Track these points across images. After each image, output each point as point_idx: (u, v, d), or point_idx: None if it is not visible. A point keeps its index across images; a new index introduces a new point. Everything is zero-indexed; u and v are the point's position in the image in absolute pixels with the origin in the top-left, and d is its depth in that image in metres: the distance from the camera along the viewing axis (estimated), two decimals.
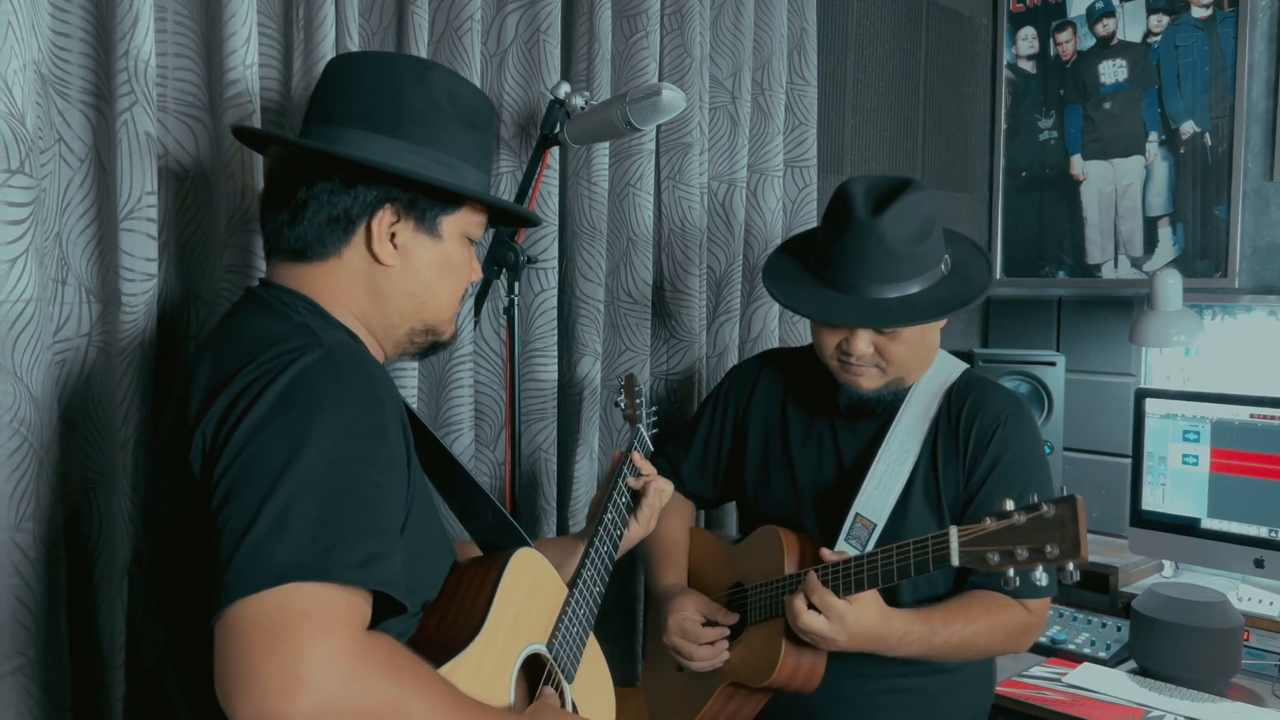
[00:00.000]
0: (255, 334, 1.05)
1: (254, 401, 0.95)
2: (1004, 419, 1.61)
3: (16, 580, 1.22)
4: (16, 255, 1.21)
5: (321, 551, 0.89)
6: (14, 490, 1.22)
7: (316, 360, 0.99)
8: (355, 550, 0.91)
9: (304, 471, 0.92)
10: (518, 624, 1.17)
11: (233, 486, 0.92)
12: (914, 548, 1.41)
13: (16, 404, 1.22)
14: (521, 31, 1.89)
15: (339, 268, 1.14)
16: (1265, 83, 2.61)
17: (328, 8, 1.53)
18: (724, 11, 2.24)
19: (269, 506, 0.89)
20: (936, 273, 1.57)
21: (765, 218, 2.34)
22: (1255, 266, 2.65)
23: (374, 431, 0.99)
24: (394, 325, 1.18)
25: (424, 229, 1.16)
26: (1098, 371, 2.83)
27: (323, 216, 1.12)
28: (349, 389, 0.99)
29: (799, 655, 1.55)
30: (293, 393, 0.96)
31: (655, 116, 1.70)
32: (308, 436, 0.93)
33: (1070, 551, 1.28)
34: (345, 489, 0.93)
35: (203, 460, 0.97)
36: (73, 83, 1.35)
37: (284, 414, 0.95)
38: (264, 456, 0.92)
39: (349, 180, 1.12)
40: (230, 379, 0.98)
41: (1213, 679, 2.01)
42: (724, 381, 1.87)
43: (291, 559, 0.88)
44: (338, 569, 0.89)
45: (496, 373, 1.91)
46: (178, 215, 1.48)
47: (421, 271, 1.17)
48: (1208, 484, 2.35)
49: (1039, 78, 3.03)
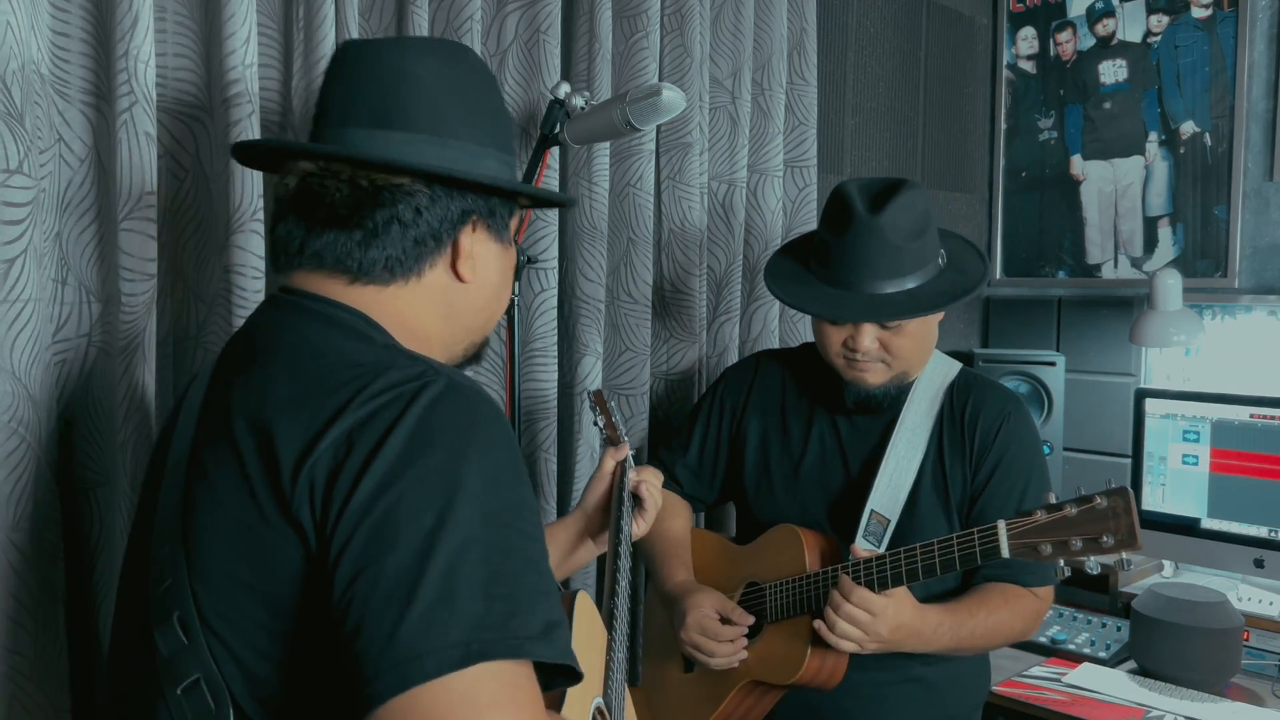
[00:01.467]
0: (342, 356, 0.90)
1: (382, 441, 0.80)
2: (1007, 415, 1.66)
3: (15, 580, 1.22)
4: (16, 255, 1.21)
5: (501, 622, 0.76)
6: (12, 490, 1.22)
7: (445, 391, 0.85)
8: (534, 618, 0.78)
9: (462, 525, 0.78)
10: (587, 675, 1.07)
11: (372, 545, 0.77)
12: (959, 541, 1.45)
13: (15, 404, 1.22)
14: (521, 31, 1.89)
15: (417, 290, 0.99)
16: (1265, 83, 2.61)
17: (328, 8, 1.53)
18: (724, 11, 2.24)
19: (431, 569, 0.75)
20: (935, 266, 1.61)
21: (765, 218, 2.34)
22: (1255, 266, 2.65)
23: (518, 474, 0.85)
24: (458, 342, 1.06)
25: (497, 237, 1.04)
26: (1098, 371, 2.83)
27: (410, 237, 0.97)
28: (487, 426, 0.85)
29: (824, 652, 1.56)
30: (428, 431, 0.82)
31: (655, 116, 1.70)
32: (460, 483, 0.79)
33: (1127, 541, 1.34)
34: (506, 544, 0.80)
35: (312, 513, 0.81)
36: (72, 83, 1.35)
37: (424, 456, 0.80)
38: (411, 508, 0.78)
39: (434, 196, 0.98)
40: (339, 412, 0.83)
41: (1212, 679, 2.01)
42: (718, 383, 1.88)
43: (472, 634, 0.74)
44: (522, 642, 0.76)
45: (496, 373, 1.91)
46: (178, 215, 1.48)
47: (493, 284, 1.05)
48: (1207, 484, 2.35)
49: (1039, 78, 3.03)
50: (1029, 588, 1.62)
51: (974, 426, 1.66)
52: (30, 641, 1.24)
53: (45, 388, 1.27)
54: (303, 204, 0.99)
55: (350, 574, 0.77)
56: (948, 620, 1.53)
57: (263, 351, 0.94)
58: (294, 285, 1.00)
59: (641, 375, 2.13)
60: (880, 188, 1.60)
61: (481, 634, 0.74)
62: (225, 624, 0.85)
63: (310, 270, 0.99)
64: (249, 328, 1.01)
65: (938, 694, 1.67)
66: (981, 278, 1.63)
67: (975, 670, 1.74)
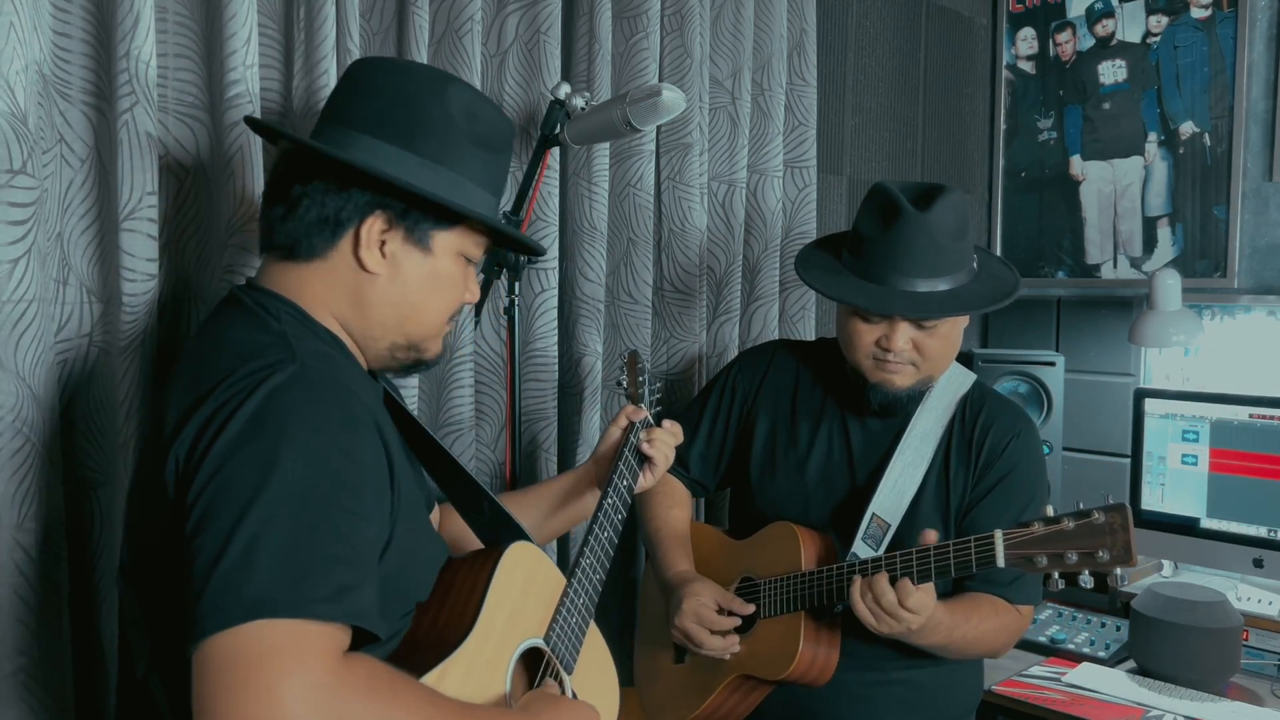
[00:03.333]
0: (231, 346, 1.03)
1: (224, 424, 0.94)
2: (1017, 433, 1.66)
3: (18, 579, 1.23)
4: (18, 255, 1.21)
5: (290, 584, 0.87)
6: (16, 490, 1.22)
7: (288, 379, 0.97)
8: (325, 582, 0.89)
9: (273, 500, 0.90)
10: (513, 619, 1.17)
11: (203, 514, 0.91)
12: (955, 549, 1.44)
13: (19, 404, 1.22)
14: (522, 32, 1.90)
15: (325, 270, 1.12)
16: (1264, 83, 2.62)
17: (328, 8, 1.53)
18: (724, 12, 2.25)
19: (237, 537, 0.88)
20: (970, 270, 1.60)
21: (765, 218, 2.35)
22: (1254, 266, 2.65)
23: (346, 454, 0.96)
24: (375, 336, 1.15)
25: (414, 241, 1.13)
26: (1097, 371, 2.84)
27: (314, 215, 1.10)
28: (321, 409, 0.97)
29: (815, 648, 1.58)
30: (263, 415, 0.94)
31: (655, 117, 1.70)
32: (277, 462, 0.91)
33: (1122, 557, 1.34)
34: (316, 517, 0.92)
35: (176, 481, 0.96)
36: (74, 83, 1.35)
37: (254, 438, 0.93)
38: (233, 484, 0.91)
39: (344, 183, 1.10)
40: (204, 397, 0.97)
41: (1212, 678, 2.02)
42: (733, 366, 1.85)
43: (260, 592, 0.86)
44: (307, 603, 0.87)
45: (497, 373, 1.91)
46: (178, 215, 1.48)
47: (408, 284, 1.14)
48: (1207, 484, 2.35)
49: (1038, 78, 3.03)
50: (1014, 604, 1.62)
51: (983, 440, 1.65)
52: (34, 640, 1.24)
53: (48, 387, 1.27)
54: (267, 187, 1.16)
55: (188, 536, 0.91)
56: (946, 620, 1.53)
57: (190, 345, 1.12)
58: (255, 276, 1.16)
59: None
60: (924, 189, 1.60)
61: (268, 593, 0.86)
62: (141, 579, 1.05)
63: (266, 255, 1.15)
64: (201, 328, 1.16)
65: (928, 696, 1.67)
66: (1017, 284, 1.63)
67: (966, 674, 1.73)
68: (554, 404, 1.97)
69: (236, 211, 1.46)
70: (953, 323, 1.59)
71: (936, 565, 1.45)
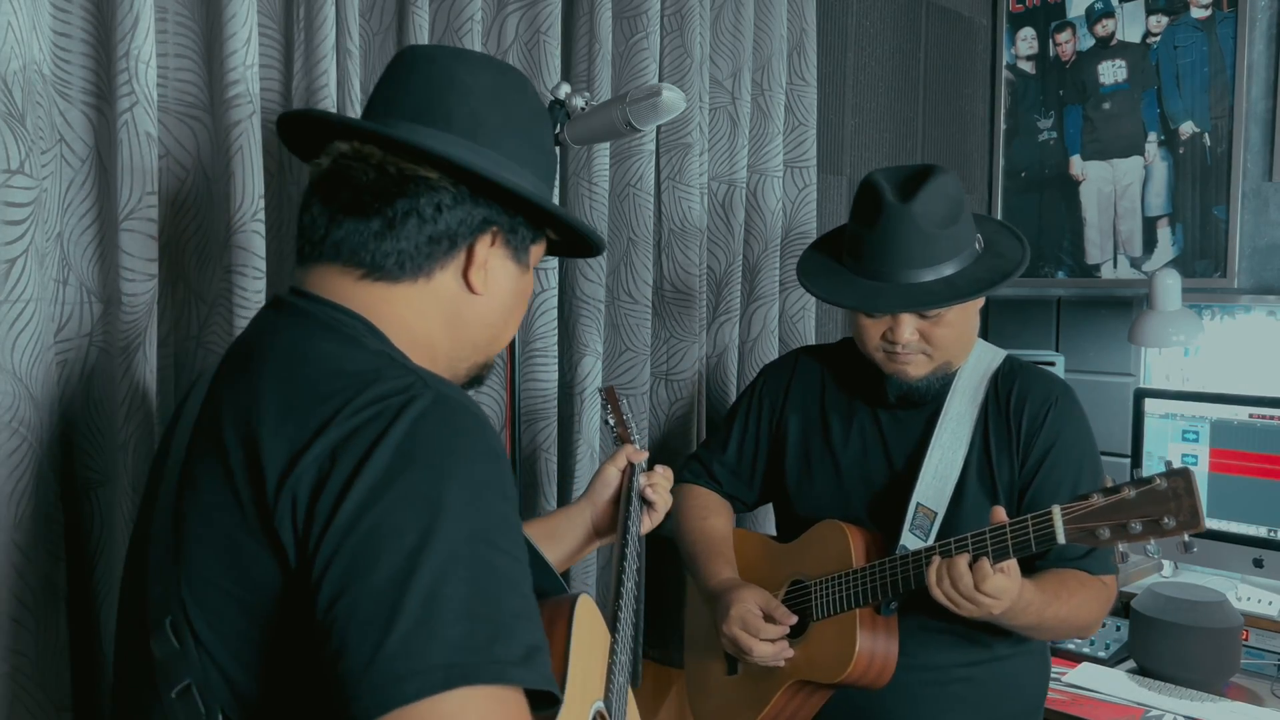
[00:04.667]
0: (332, 364, 0.89)
1: (365, 457, 0.80)
2: (1053, 401, 1.62)
3: (16, 580, 1.22)
4: (17, 255, 1.21)
5: (484, 646, 0.75)
6: (14, 490, 1.22)
7: (431, 405, 0.84)
8: (516, 642, 0.77)
9: (444, 545, 0.77)
10: (585, 679, 1.10)
11: (354, 565, 0.77)
12: (1013, 530, 1.40)
13: (16, 404, 1.22)
14: (521, 32, 1.89)
15: (425, 291, 0.98)
16: (1264, 83, 2.62)
17: (328, 8, 1.53)
18: (724, 12, 2.24)
19: (412, 591, 0.75)
20: (972, 252, 1.57)
21: (765, 218, 2.34)
22: (1254, 266, 2.65)
23: (503, 492, 0.84)
24: (463, 358, 1.05)
25: (515, 256, 1.04)
26: (1097, 371, 2.84)
27: (425, 234, 0.97)
28: (473, 442, 0.84)
29: (873, 648, 1.54)
30: (413, 447, 0.81)
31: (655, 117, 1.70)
32: (443, 503, 0.79)
33: (1190, 522, 1.30)
34: (489, 566, 0.79)
35: (294, 528, 0.81)
36: (73, 83, 1.35)
37: (408, 473, 0.80)
38: (393, 527, 0.77)
39: (459, 196, 0.98)
40: (323, 426, 0.82)
41: (1212, 679, 2.02)
42: (757, 380, 1.85)
43: (453, 657, 0.74)
44: (504, 666, 0.76)
45: (497, 372, 1.91)
46: (178, 215, 1.48)
47: (504, 302, 1.04)
48: (1207, 484, 2.35)
49: (1038, 78, 3.03)
50: (1097, 575, 1.57)
51: (1020, 414, 1.61)
52: (32, 641, 1.24)
53: (46, 388, 1.27)
54: (330, 187, 0.99)
55: (332, 595, 0.77)
56: (1037, 599, 1.47)
57: (255, 358, 0.93)
58: (303, 286, 0.99)
59: (641, 375, 2.13)
60: (909, 175, 1.57)
61: (464, 657, 0.74)
62: (211, 632, 0.86)
63: (326, 264, 0.98)
64: (248, 333, 1.01)
65: (990, 695, 1.63)
66: (1020, 261, 1.58)
67: (1029, 671, 1.68)
68: (554, 404, 1.97)
69: (237, 211, 1.46)
70: (960, 308, 1.56)
71: (994, 548, 1.41)
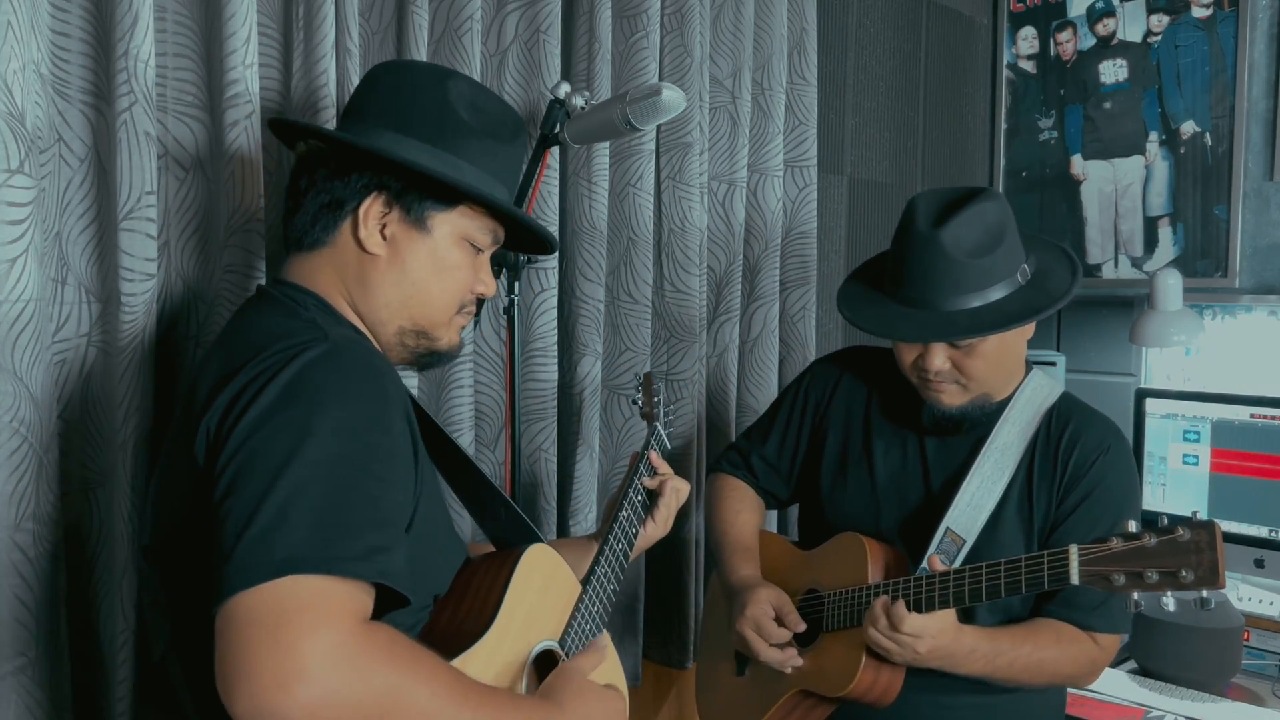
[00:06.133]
0: (264, 329, 1.06)
1: (258, 394, 0.96)
2: (1105, 448, 1.57)
3: (17, 580, 1.22)
4: (16, 255, 1.21)
5: (322, 544, 0.88)
6: (14, 490, 1.21)
7: (321, 354, 0.99)
8: (356, 543, 0.90)
9: (306, 465, 0.91)
10: (530, 620, 1.17)
11: (235, 479, 0.92)
12: (1027, 564, 1.37)
13: (16, 404, 1.21)
14: (521, 31, 1.89)
15: (331, 256, 1.16)
16: (1265, 82, 2.61)
17: (328, 8, 1.53)
18: (724, 11, 2.24)
19: (270, 499, 0.89)
20: (1012, 282, 1.51)
21: (765, 218, 2.34)
22: (1255, 266, 2.65)
23: (377, 425, 0.98)
24: (382, 320, 1.17)
25: (412, 221, 1.16)
26: (1098, 371, 2.83)
27: (317, 203, 1.15)
28: (353, 383, 0.99)
29: (879, 666, 1.51)
30: (297, 386, 0.96)
31: (655, 116, 1.70)
32: (311, 430, 0.93)
33: (1208, 579, 1.23)
34: (348, 482, 0.93)
35: (206, 451, 0.97)
36: (72, 82, 1.35)
37: (287, 407, 0.95)
38: (267, 449, 0.92)
39: (342, 167, 1.14)
40: (236, 372, 0.99)
41: (1213, 679, 2.01)
42: (804, 376, 1.83)
43: (291, 551, 0.87)
44: (338, 561, 0.89)
45: (496, 373, 1.91)
46: (178, 215, 1.48)
47: (409, 266, 1.16)
48: (1208, 484, 2.35)
49: (1039, 78, 3.03)
50: (1091, 632, 1.53)
51: (1069, 455, 1.56)
52: (32, 641, 1.24)
53: (46, 388, 1.27)
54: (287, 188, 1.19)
55: (218, 499, 0.92)
56: (984, 647, 1.47)
57: (221, 337, 1.14)
58: (279, 272, 1.19)
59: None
60: (949, 199, 1.52)
61: (300, 551, 0.87)
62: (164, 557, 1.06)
63: (286, 252, 1.19)
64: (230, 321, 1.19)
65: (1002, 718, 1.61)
66: (1063, 295, 1.50)
67: (1043, 702, 1.65)
68: (554, 404, 1.96)
69: (236, 211, 1.46)
70: (998, 339, 1.50)
71: (1007, 581, 1.38)
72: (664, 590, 2.21)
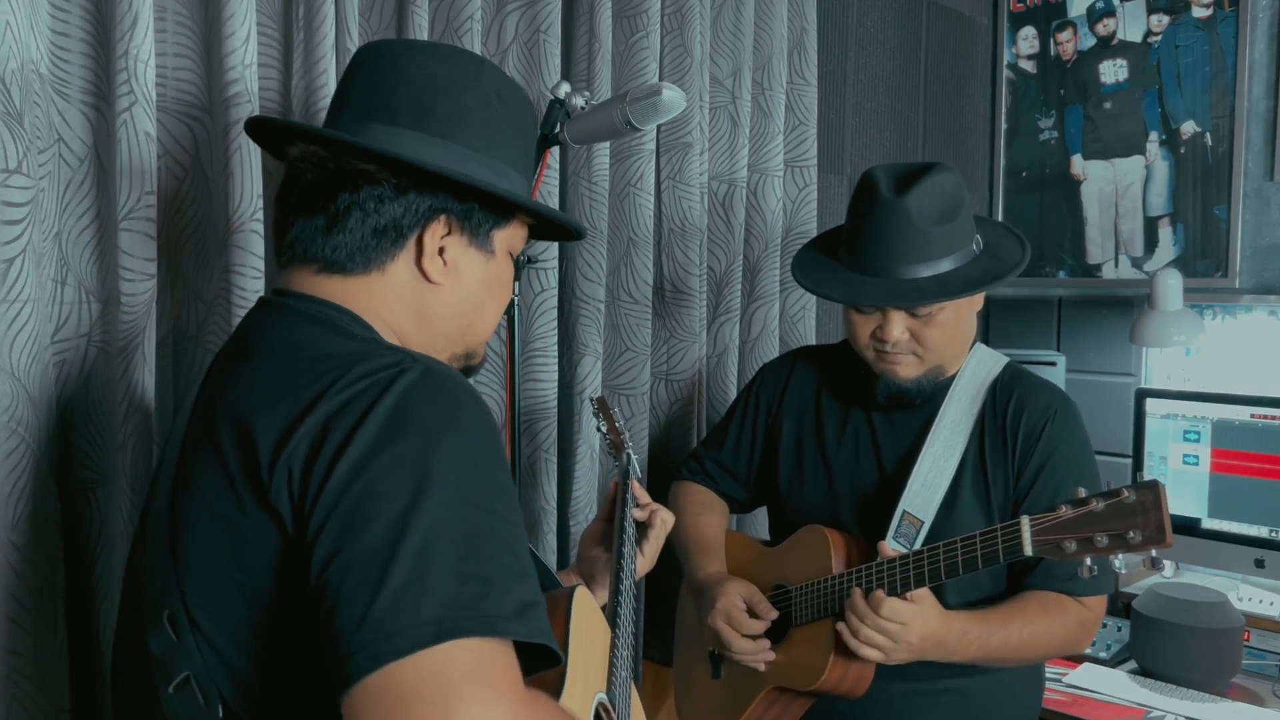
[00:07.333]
0: (321, 349, 0.91)
1: (356, 427, 0.82)
2: (1052, 414, 1.57)
3: (14, 580, 1.22)
4: (15, 255, 1.21)
5: (472, 601, 0.76)
6: (11, 490, 1.21)
7: (420, 378, 0.86)
8: (508, 598, 0.78)
9: (435, 508, 0.79)
10: (587, 669, 1.09)
11: (347, 528, 0.78)
12: (981, 539, 1.38)
13: (14, 404, 1.21)
14: (521, 31, 1.89)
15: (382, 283, 1.00)
16: (1265, 83, 2.61)
17: (327, 8, 1.53)
18: (724, 11, 2.24)
19: (403, 551, 0.76)
20: (968, 252, 1.53)
21: (765, 218, 2.34)
22: (1256, 266, 2.65)
23: (494, 459, 0.86)
24: (437, 350, 1.05)
25: (477, 244, 1.03)
26: (1098, 371, 2.83)
27: (369, 226, 0.98)
28: (463, 411, 0.86)
29: (848, 659, 1.51)
30: (402, 416, 0.83)
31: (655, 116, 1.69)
32: (432, 466, 0.80)
33: (1155, 537, 1.27)
34: (481, 527, 0.81)
35: (290, 498, 0.82)
36: (72, 82, 1.34)
37: (398, 441, 0.81)
38: (383, 492, 0.79)
39: (401, 187, 0.98)
40: (314, 402, 0.84)
41: (1213, 679, 2.01)
42: (755, 379, 1.84)
43: (443, 612, 0.75)
44: (496, 620, 0.77)
45: (496, 373, 1.91)
46: (177, 215, 1.48)
47: (471, 290, 1.04)
48: (1208, 484, 2.35)
49: (1039, 78, 3.02)
50: (1076, 597, 1.53)
51: (1016, 425, 1.57)
52: (30, 642, 1.24)
53: (44, 388, 1.27)
54: (285, 189, 1.03)
55: (325, 557, 0.78)
56: (975, 629, 1.47)
57: (247, 353, 0.96)
58: (285, 285, 1.02)
59: (641, 375, 2.13)
60: (908, 170, 1.54)
61: (453, 612, 0.75)
62: (211, 621, 0.87)
63: (297, 264, 1.01)
64: (237, 331, 1.03)
65: (975, 706, 1.60)
66: (1017, 264, 1.53)
67: (1020, 683, 1.65)
68: (554, 404, 1.96)
69: (236, 211, 1.46)
70: (954, 309, 1.53)
71: (964, 559, 1.39)
72: (664, 590, 2.21)
